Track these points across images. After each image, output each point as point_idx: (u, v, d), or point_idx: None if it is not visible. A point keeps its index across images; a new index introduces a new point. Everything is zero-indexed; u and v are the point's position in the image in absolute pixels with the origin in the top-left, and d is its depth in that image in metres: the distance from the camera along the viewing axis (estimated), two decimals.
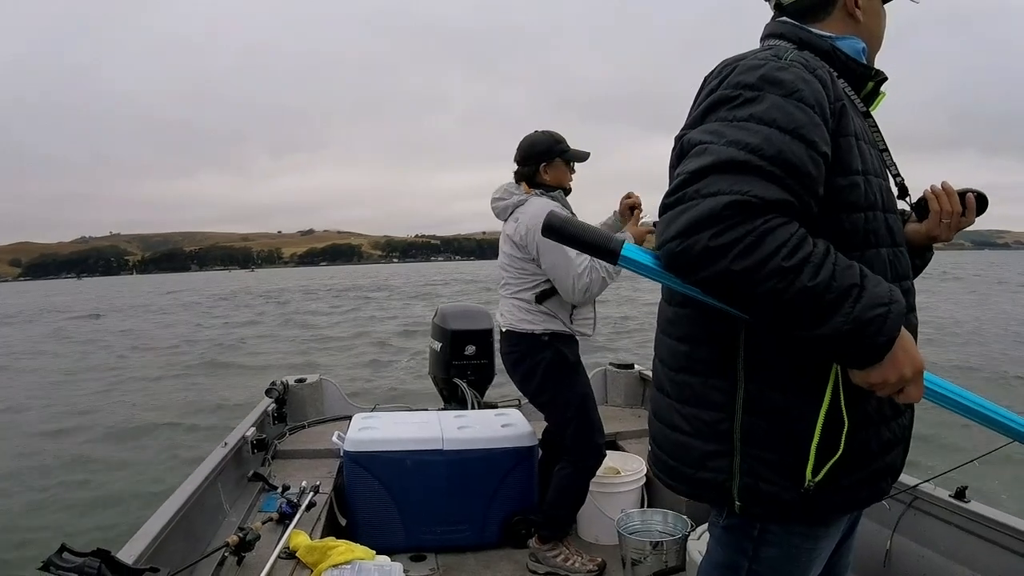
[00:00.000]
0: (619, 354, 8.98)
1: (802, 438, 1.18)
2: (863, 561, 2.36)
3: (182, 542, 2.33)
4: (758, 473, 1.21)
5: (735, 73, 1.18)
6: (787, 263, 1.01)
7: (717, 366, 1.24)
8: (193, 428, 8.67)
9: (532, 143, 2.92)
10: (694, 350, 1.28)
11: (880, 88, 1.35)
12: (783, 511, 1.22)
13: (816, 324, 1.04)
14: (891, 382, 1.08)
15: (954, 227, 1.47)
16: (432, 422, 3.34)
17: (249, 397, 7.82)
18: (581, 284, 2.71)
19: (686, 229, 1.05)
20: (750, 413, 1.21)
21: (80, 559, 1.68)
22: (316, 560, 2.41)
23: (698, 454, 1.27)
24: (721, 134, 1.11)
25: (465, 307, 4.61)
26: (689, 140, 1.16)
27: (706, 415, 1.25)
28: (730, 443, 1.23)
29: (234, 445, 3.11)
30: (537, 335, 2.86)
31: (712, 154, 1.09)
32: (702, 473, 1.27)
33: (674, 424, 1.31)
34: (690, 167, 1.10)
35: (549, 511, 2.98)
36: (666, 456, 1.35)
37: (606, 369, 4.54)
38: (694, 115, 1.22)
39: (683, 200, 1.08)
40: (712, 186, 1.06)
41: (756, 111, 1.11)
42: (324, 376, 4.35)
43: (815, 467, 1.17)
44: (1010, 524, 2.06)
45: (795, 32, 1.32)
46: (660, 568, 2.65)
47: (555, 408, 2.93)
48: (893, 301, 1.05)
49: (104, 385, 12.45)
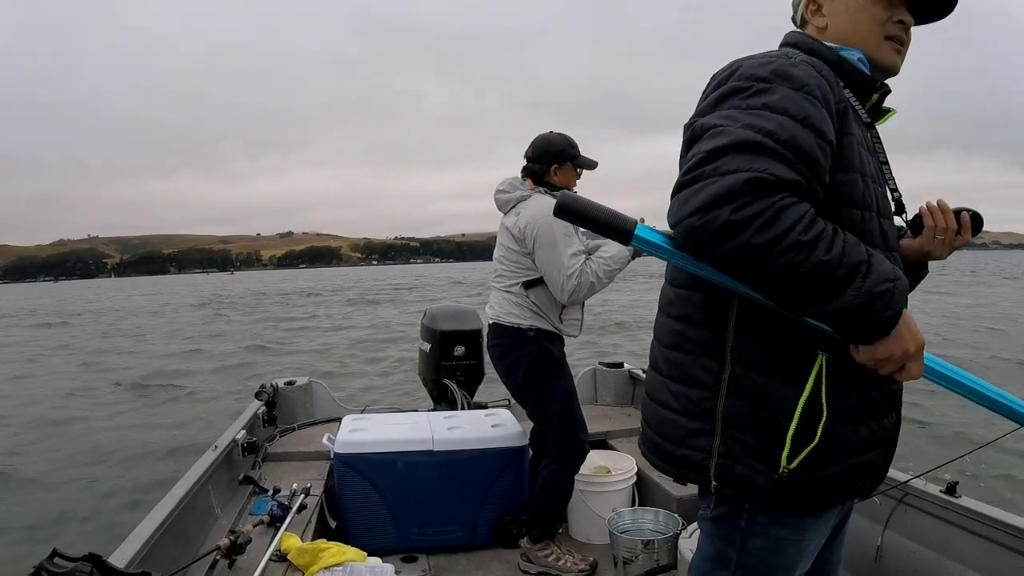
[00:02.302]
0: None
1: (780, 425, 1.21)
2: (854, 557, 2.37)
3: (173, 545, 2.33)
4: (736, 455, 1.24)
5: (746, 67, 1.22)
6: (804, 237, 1.04)
7: (707, 346, 1.28)
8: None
9: (548, 142, 2.95)
10: (687, 329, 1.32)
11: (884, 102, 1.39)
12: (756, 496, 1.25)
13: (829, 298, 1.06)
14: (895, 357, 1.11)
15: (948, 244, 1.51)
16: (422, 423, 3.35)
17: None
18: (570, 285, 2.73)
19: (707, 204, 1.07)
20: (734, 395, 1.25)
21: (72, 564, 1.67)
22: (308, 562, 2.41)
23: (682, 431, 1.30)
24: (736, 119, 1.15)
25: (454, 308, 4.61)
26: (702, 125, 1.18)
27: (693, 393, 1.29)
28: (713, 423, 1.26)
29: (224, 448, 3.10)
30: (523, 329, 2.89)
31: (729, 135, 1.12)
32: (683, 450, 1.30)
33: (664, 401, 1.35)
34: (707, 147, 1.12)
35: (536, 509, 2.99)
36: (653, 433, 1.39)
37: (596, 368, 4.55)
38: (703, 105, 1.25)
39: (701, 177, 1.10)
40: (730, 164, 1.09)
41: (769, 100, 1.15)
42: (313, 378, 4.34)
43: (790, 454, 1.20)
44: (1001, 519, 2.08)
45: (806, 42, 1.36)
46: (651, 567, 2.66)
47: (538, 403, 2.96)
48: (898, 277, 1.09)
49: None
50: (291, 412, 4.09)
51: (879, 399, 1.28)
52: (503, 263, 2.97)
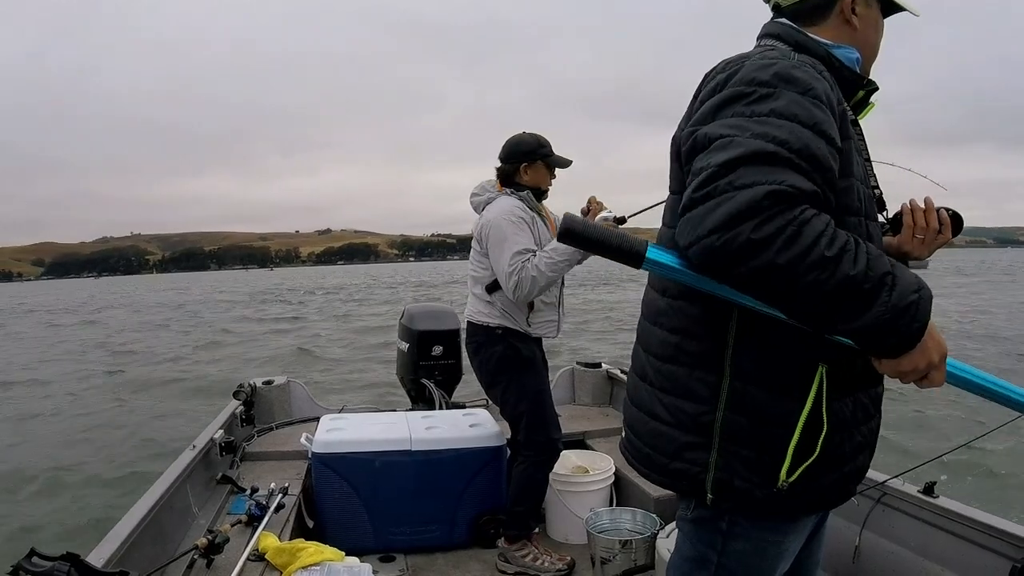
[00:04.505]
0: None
1: (780, 438, 1.19)
2: (833, 557, 2.39)
3: (151, 545, 2.32)
4: (733, 469, 1.22)
5: (745, 70, 1.16)
6: (828, 252, 1.00)
7: (705, 359, 1.24)
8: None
9: (518, 143, 2.98)
10: (683, 342, 1.27)
11: (870, 99, 1.36)
12: (754, 507, 1.24)
13: (857, 315, 1.02)
14: (920, 368, 1.07)
15: (928, 244, 1.46)
16: (400, 423, 3.35)
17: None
18: (511, 282, 2.75)
19: (726, 222, 1.01)
20: (732, 409, 1.22)
21: (50, 563, 1.66)
22: (285, 562, 2.40)
23: (676, 444, 1.27)
24: (744, 128, 1.08)
25: (432, 307, 4.61)
26: (706, 135, 1.12)
27: (689, 407, 1.25)
28: (709, 436, 1.23)
29: (202, 447, 3.09)
30: (492, 328, 2.94)
31: (740, 146, 1.06)
32: (677, 463, 1.27)
33: (654, 413, 1.31)
34: (717, 160, 1.06)
35: (511, 509, 3.01)
36: (641, 443, 1.35)
37: (573, 368, 4.57)
38: (702, 111, 1.18)
39: (715, 193, 1.04)
40: (745, 177, 1.03)
41: (776, 106, 1.09)
42: (291, 378, 4.32)
43: (790, 468, 1.18)
44: (978, 519, 2.09)
45: (792, 34, 1.31)
46: (629, 566, 2.68)
47: (506, 401, 2.99)
48: (922, 287, 1.04)
49: None
50: (269, 412, 4.07)
51: (868, 403, 1.28)
52: (472, 264, 3.03)
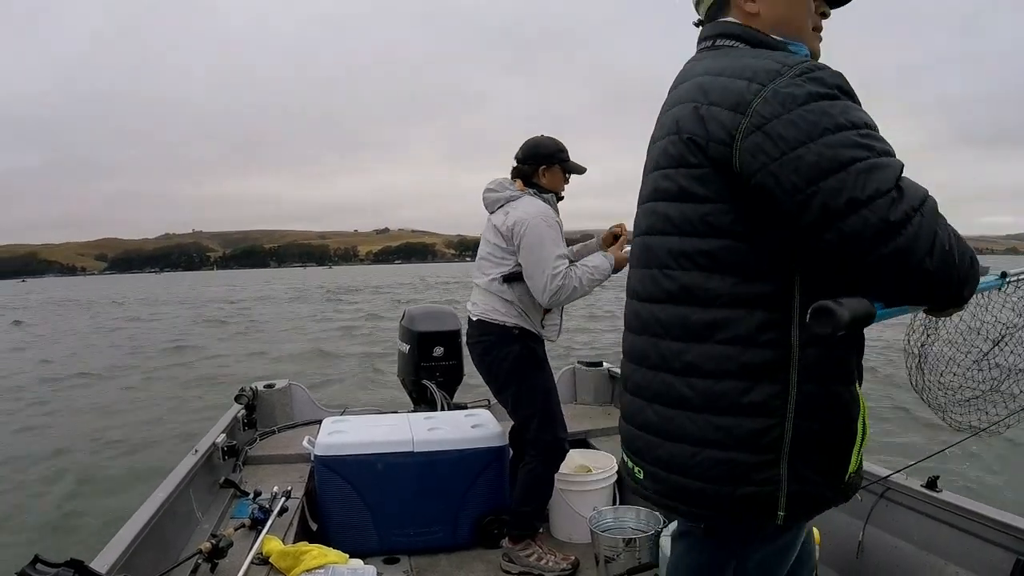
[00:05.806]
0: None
1: (844, 430, 1.20)
2: (836, 553, 2.38)
3: (155, 550, 2.31)
4: (805, 477, 1.18)
5: (803, 82, 1.08)
6: (952, 230, 1.09)
7: (769, 369, 1.17)
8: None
9: (537, 144, 3.00)
10: (743, 353, 1.17)
11: None
12: (821, 508, 1.23)
13: (975, 277, 1.13)
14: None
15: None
16: (402, 424, 3.35)
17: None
18: (554, 285, 2.75)
19: (944, 249, 1.06)
20: (802, 416, 1.16)
21: (54, 570, 1.66)
22: (289, 565, 2.40)
23: (742, 468, 1.18)
24: (865, 146, 1.06)
25: (432, 308, 4.60)
26: (834, 157, 1.05)
27: (751, 423, 1.17)
28: (777, 450, 1.17)
29: (205, 452, 3.09)
30: (508, 327, 2.92)
31: (888, 166, 1.05)
32: (745, 488, 1.18)
33: (707, 440, 1.20)
34: (885, 185, 1.04)
35: (517, 509, 3.00)
36: (689, 479, 1.23)
37: (575, 367, 4.56)
38: (775, 131, 1.08)
39: (909, 221, 1.04)
40: (914, 198, 1.05)
41: (860, 118, 1.08)
42: (293, 381, 4.32)
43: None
44: (982, 512, 2.08)
45: (751, 34, 1.25)
46: (633, 565, 2.68)
47: (519, 402, 2.97)
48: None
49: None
50: (271, 415, 4.07)
51: None
52: (488, 260, 3.00)
